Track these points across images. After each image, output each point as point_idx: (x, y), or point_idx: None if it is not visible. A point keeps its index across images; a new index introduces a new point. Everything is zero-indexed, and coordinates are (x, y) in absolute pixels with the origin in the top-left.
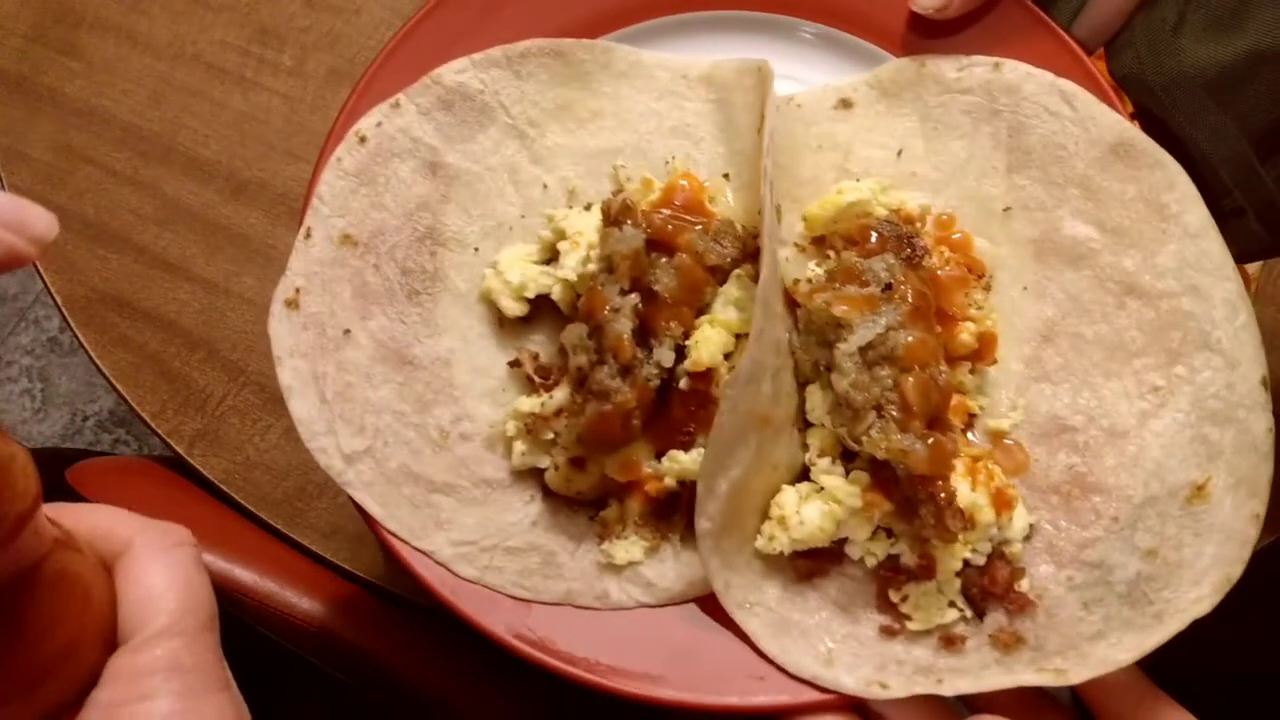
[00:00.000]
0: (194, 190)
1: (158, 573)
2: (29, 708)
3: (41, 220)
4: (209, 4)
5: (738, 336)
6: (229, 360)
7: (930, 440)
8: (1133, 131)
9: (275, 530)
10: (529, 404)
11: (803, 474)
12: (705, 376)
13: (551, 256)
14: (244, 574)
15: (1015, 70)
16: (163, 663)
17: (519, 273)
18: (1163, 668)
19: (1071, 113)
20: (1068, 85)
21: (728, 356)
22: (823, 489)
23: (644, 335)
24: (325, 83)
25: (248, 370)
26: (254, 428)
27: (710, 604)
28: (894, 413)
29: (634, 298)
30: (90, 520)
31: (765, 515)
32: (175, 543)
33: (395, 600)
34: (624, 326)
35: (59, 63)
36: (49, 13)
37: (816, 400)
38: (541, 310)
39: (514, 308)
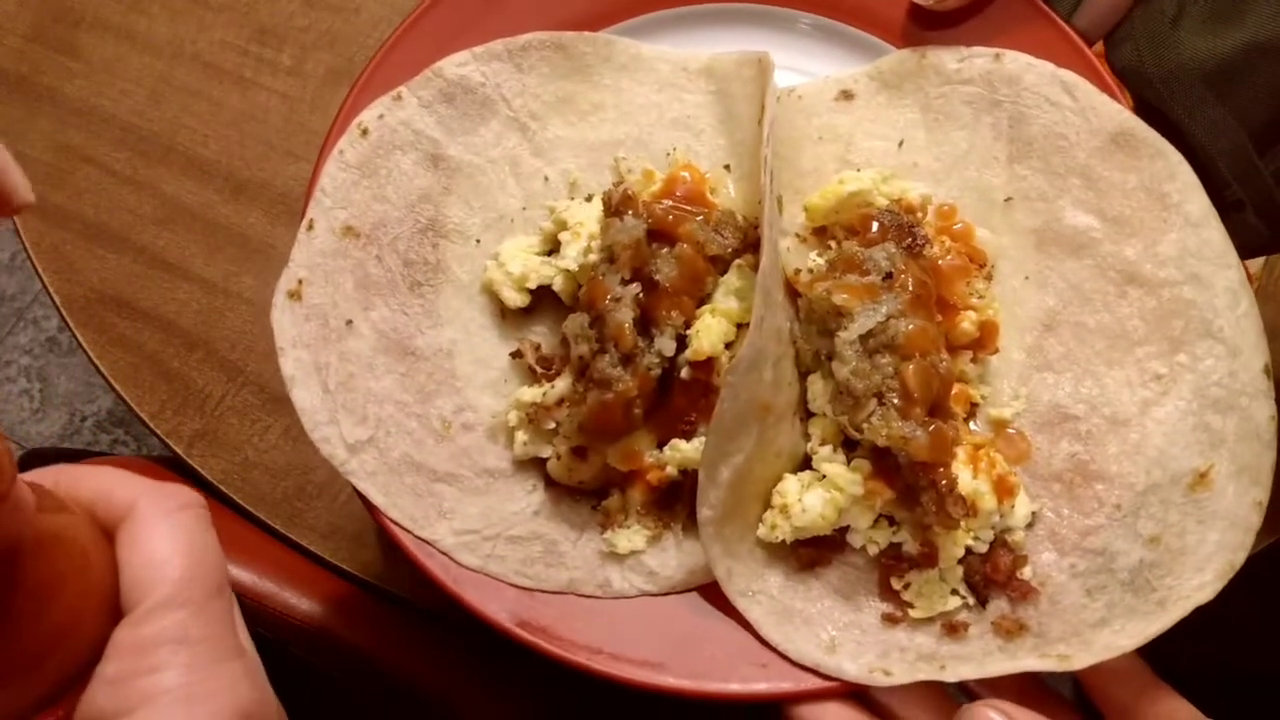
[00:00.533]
0: (193, 190)
1: (161, 537)
2: (34, 684)
3: (20, 179)
4: (208, 3)
5: (739, 326)
6: (228, 360)
7: (931, 427)
8: (1134, 121)
9: (274, 530)
10: (531, 394)
11: (804, 463)
12: (706, 366)
13: (553, 248)
14: (242, 574)
15: (1016, 61)
16: (169, 634)
17: (520, 264)
18: (1160, 660)
19: (1072, 103)
20: (1068, 75)
21: (729, 346)
22: (824, 477)
23: (645, 325)
24: (324, 82)
25: (246, 370)
26: (253, 428)
27: (712, 592)
28: (895, 400)
29: (635, 287)
30: (91, 483)
31: (767, 504)
32: (180, 505)
33: (394, 600)
34: (625, 316)
35: (58, 62)
36: (48, 12)
37: (818, 389)
38: (543, 301)
39: (515, 299)
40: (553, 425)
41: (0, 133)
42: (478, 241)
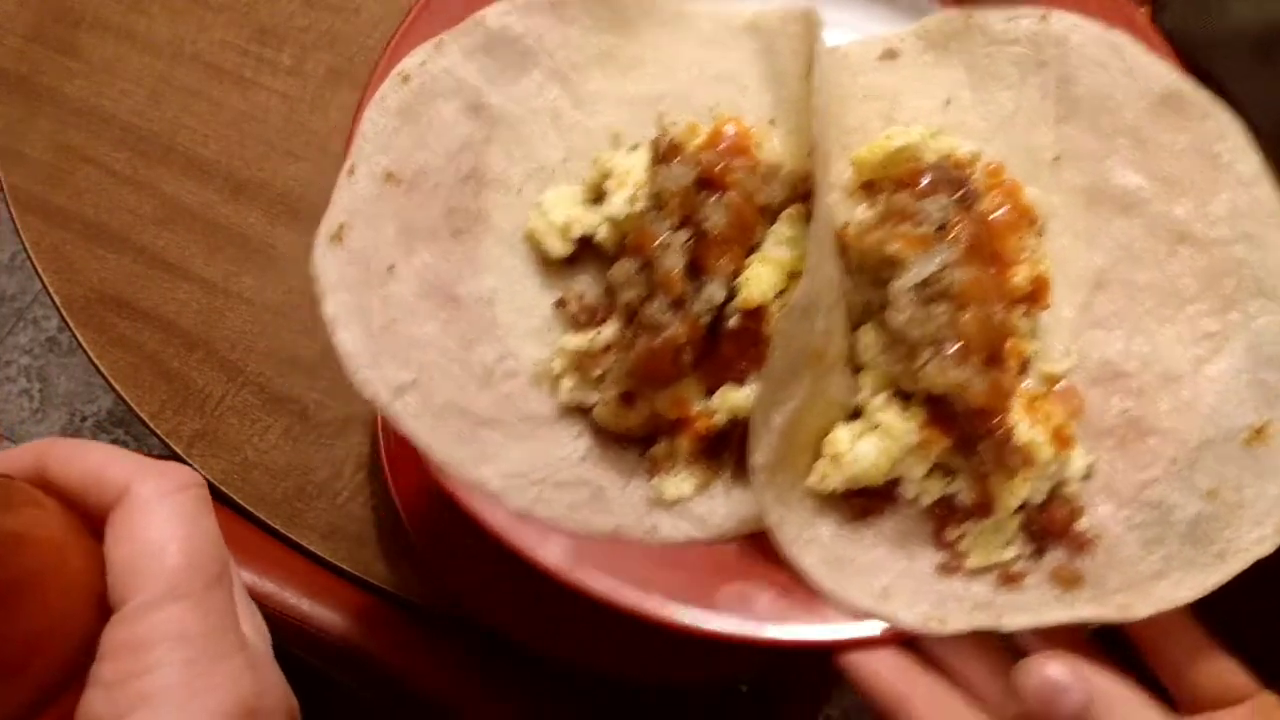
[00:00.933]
0: (193, 190)
1: (159, 524)
2: (16, 691)
3: None
4: (208, 3)
5: (789, 276)
6: (228, 360)
7: (989, 374)
8: (1182, 82)
9: (274, 530)
10: (577, 341)
11: (854, 417)
12: (756, 314)
13: (596, 198)
14: (242, 574)
15: (1063, 21)
16: (166, 630)
17: (564, 213)
18: (1217, 619)
19: (1120, 63)
20: (1116, 36)
21: (779, 295)
22: (877, 426)
23: (694, 273)
24: (324, 82)
25: (246, 370)
26: (253, 428)
27: (762, 540)
28: (952, 347)
29: (685, 234)
30: (81, 465)
31: (818, 453)
32: (178, 485)
33: (394, 601)
34: (675, 261)
35: (58, 62)
36: (48, 12)
37: (869, 340)
38: (586, 252)
39: (558, 248)
40: (599, 372)
41: (0, 132)
42: (519, 191)
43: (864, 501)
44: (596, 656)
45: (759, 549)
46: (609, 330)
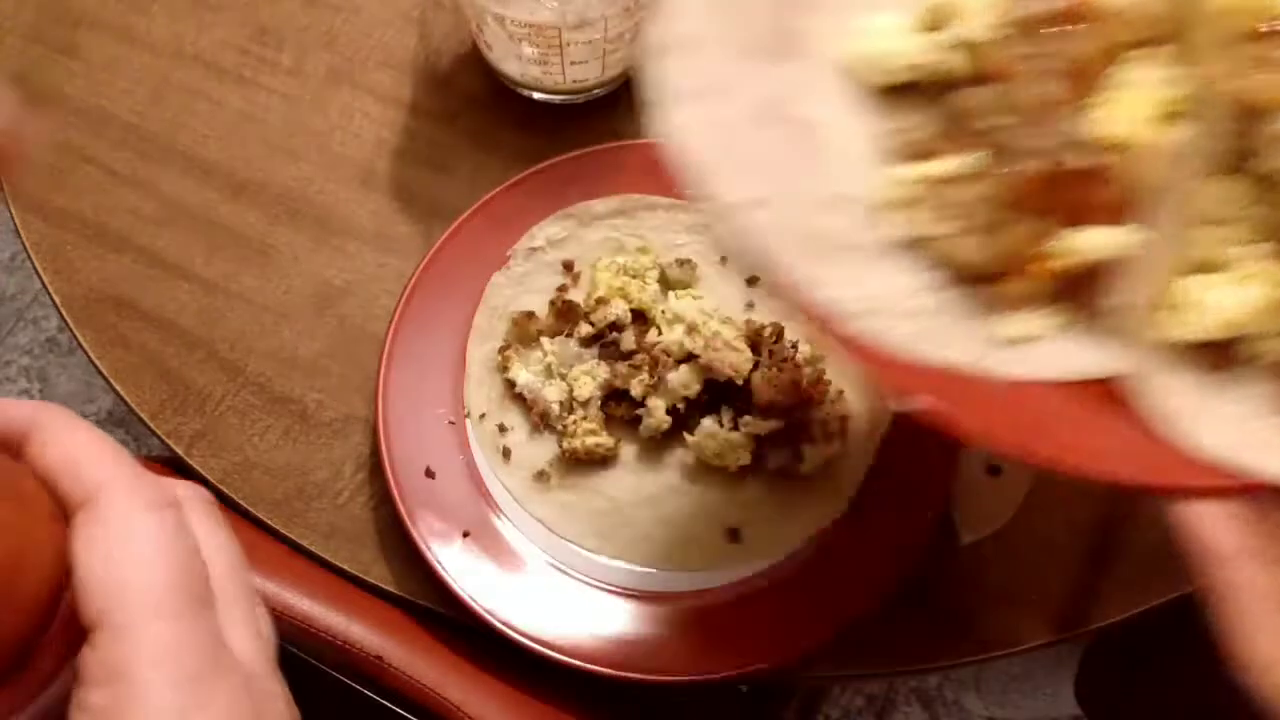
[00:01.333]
0: (193, 190)
1: (138, 539)
2: None
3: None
4: (208, 3)
5: (1154, 118)
6: (228, 360)
7: None
8: None
9: (274, 530)
10: (924, 170)
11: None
12: (1114, 153)
13: (930, 29)
14: None
15: None
16: (156, 650)
17: (895, 42)
18: None
19: None
20: None
21: (1139, 137)
22: (1242, 276)
23: (1050, 108)
24: (324, 82)
25: (247, 370)
26: (253, 428)
27: (1107, 386)
28: None
29: (1054, 61)
30: (64, 448)
31: (1177, 302)
32: (156, 502)
33: (394, 601)
34: (1045, 89)
35: (58, 62)
36: (48, 12)
37: (1235, 192)
38: (915, 86)
39: (889, 78)
40: (948, 204)
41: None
42: (847, 18)
43: (1217, 355)
44: (595, 656)
45: (1096, 395)
46: (958, 161)
